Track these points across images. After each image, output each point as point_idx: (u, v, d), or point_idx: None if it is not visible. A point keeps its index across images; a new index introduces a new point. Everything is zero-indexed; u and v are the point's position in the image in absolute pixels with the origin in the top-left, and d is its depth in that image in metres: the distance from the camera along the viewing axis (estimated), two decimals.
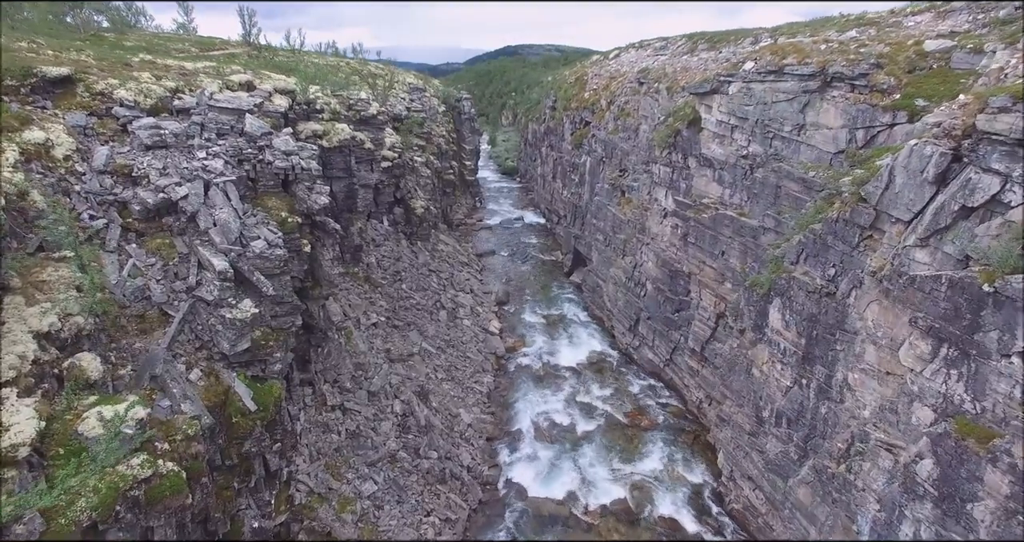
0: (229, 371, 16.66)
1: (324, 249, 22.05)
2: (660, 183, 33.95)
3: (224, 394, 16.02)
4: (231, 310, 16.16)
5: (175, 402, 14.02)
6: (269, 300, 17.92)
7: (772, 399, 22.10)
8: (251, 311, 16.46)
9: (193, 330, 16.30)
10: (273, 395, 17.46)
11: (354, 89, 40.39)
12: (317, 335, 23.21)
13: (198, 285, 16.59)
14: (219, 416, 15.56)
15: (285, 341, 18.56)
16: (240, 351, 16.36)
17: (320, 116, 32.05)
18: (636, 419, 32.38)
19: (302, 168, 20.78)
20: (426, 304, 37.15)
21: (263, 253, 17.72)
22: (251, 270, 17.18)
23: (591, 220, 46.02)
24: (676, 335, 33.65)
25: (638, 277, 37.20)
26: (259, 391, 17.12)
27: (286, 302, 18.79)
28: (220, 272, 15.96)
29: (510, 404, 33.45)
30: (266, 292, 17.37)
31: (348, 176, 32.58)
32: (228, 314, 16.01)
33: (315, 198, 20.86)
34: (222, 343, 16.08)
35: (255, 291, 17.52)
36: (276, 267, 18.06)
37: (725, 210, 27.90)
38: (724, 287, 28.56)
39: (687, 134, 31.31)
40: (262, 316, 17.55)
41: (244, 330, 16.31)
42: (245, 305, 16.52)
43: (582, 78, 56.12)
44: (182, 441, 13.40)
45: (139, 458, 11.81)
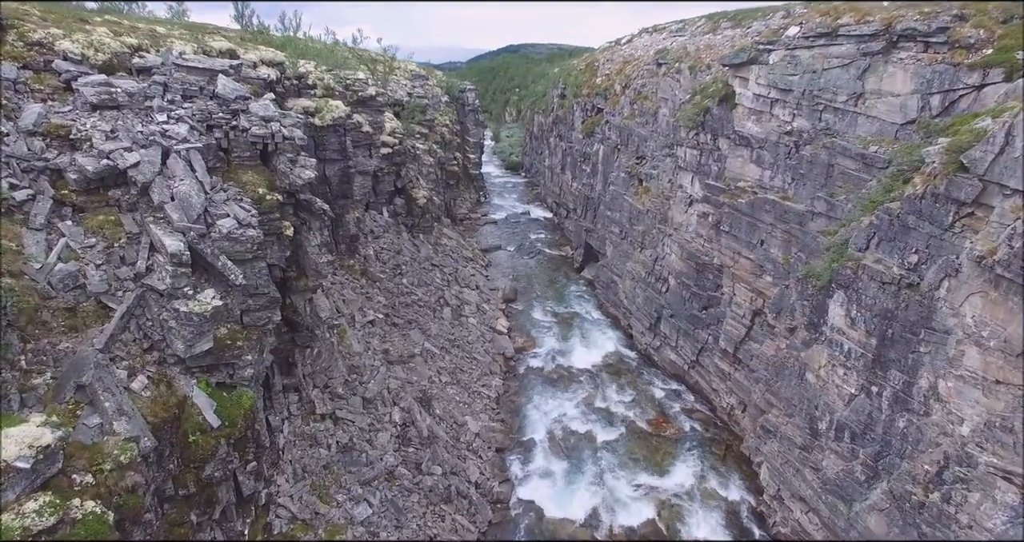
0: (187, 378, 13.40)
1: (311, 234, 18.83)
2: (686, 168, 30.66)
3: (178, 407, 12.76)
4: (187, 302, 12.89)
5: (106, 419, 10.77)
6: (239, 291, 14.66)
7: (831, 409, 18.80)
8: (212, 303, 13.19)
9: (141, 327, 13.04)
10: (243, 406, 14.20)
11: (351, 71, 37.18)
12: (303, 334, 19.96)
13: (149, 271, 13.34)
14: (170, 435, 12.31)
15: (260, 341, 15.30)
16: (199, 353, 13.09)
17: (312, 92, 28.82)
18: (660, 427, 29.08)
19: (283, 137, 17.51)
20: (428, 301, 33.89)
21: (232, 233, 14.46)
22: (216, 254, 13.92)
23: (604, 212, 42.73)
24: (703, 334, 30.35)
25: (659, 271, 33.91)
26: (225, 402, 13.86)
27: (261, 294, 15.53)
28: (172, 255, 12.70)
29: (521, 410, 30.18)
30: (235, 281, 14.11)
31: (343, 159, 29.34)
32: (183, 307, 12.74)
33: (299, 172, 17.59)
34: (176, 343, 12.82)
35: (221, 280, 14.26)
36: (248, 251, 14.80)
37: (765, 194, 24.61)
38: (762, 281, 25.27)
39: (718, 112, 28.03)
40: (229, 310, 14.29)
41: (204, 327, 13.04)
42: (206, 296, 13.26)
43: (593, 64, 52.85)
44: (112, 472, 10.16)
45: (38, 501, 8.58)
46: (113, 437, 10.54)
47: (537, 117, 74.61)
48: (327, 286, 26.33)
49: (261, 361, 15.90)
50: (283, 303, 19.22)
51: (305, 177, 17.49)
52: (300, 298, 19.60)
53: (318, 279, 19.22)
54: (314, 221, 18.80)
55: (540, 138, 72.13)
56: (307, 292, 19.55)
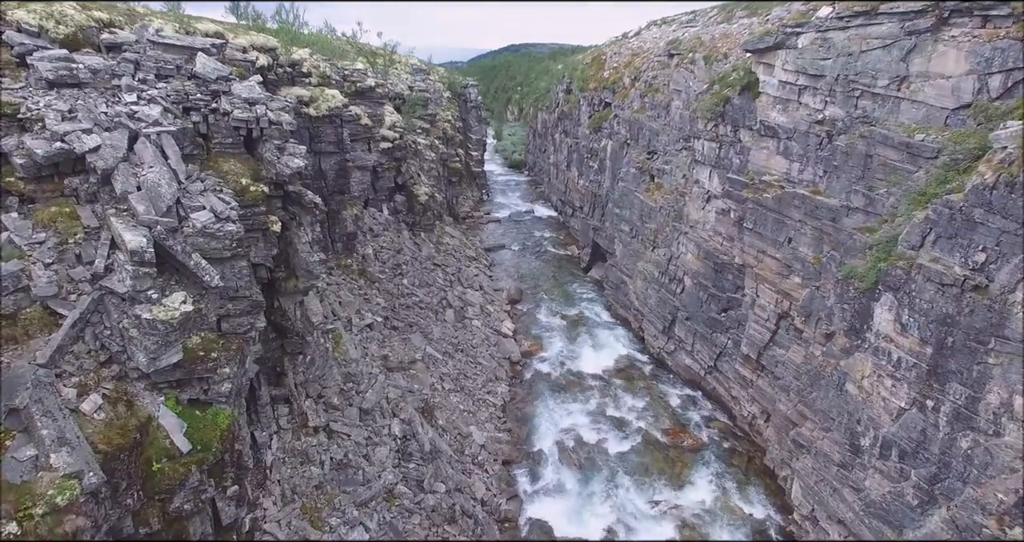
0: (152, 395, 11.50)
1: (301, 230, 16.94)
2: (704, 162, 28.74)
3: (140, 430, 10.86)
4: (151, 308, 10.98)
5: (43, 451, 8.88)
6: (216, 294, 12.76)
7: (876, 424, 16.88)
8: (181, 309, 11.28)
9: (98, 337, 11.14)
10: (220, 426, 12.29)
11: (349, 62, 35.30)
12: (293, 340, 18.07)
13: (109, 272, 11.45)
14: (129, 464, 10.41)
15: (240, 351, 13.38)
16: (165, 367, 11.19)
17: (307, 81, 26.94)
18: (677, 437, 27.16)
19: (270, 121, 15.62)
20: (430, 302, 31.99)
21: (207, 228, 12.57)
22: (188, 251, 12.01)
23: (613, 210, 40.81)
24: (722, 338, 28.42)
25: (673, 271, 32.00)
26: (198, 422, 11.96)
27: (242, 297, 13.63)
28: (133, 252, 10.79)
29: (528, 419, 28.27)
30: (210, 283, 12.20)
31: (340, 152, 27.45)
32: (146, 313, 10.83)
33: (287, 161, 15.69)
34: (137, 356, 10.91)
35: (195, 282, 12.37)
36: (226, 248, 12.91)
37: (794, 188, 22.68)
38: (790, 281, 23.35)
39: (739, 102, 26.11)
40: (203, 316, 12.38)
41: (171, 336, 11.13)
42: (173, 301, 11.36)
43: (600, 58, 50.93)
44: (45, 517, 8.28)
45: None
46: (49, 473, 8.65)
47: (540, 114, 72.74)
48: (321, 287, 24.44)
49: (243, 373, 13.99)
50: (270, 306, 17.34)
51: (294, 166, 15.58)
52: (289, 301, 17.71)
53: (310, 280, 17.33)
54: (305, 216, 16.90)
55: (544, 135, 70.25)
56: (297, 294, 17.66)
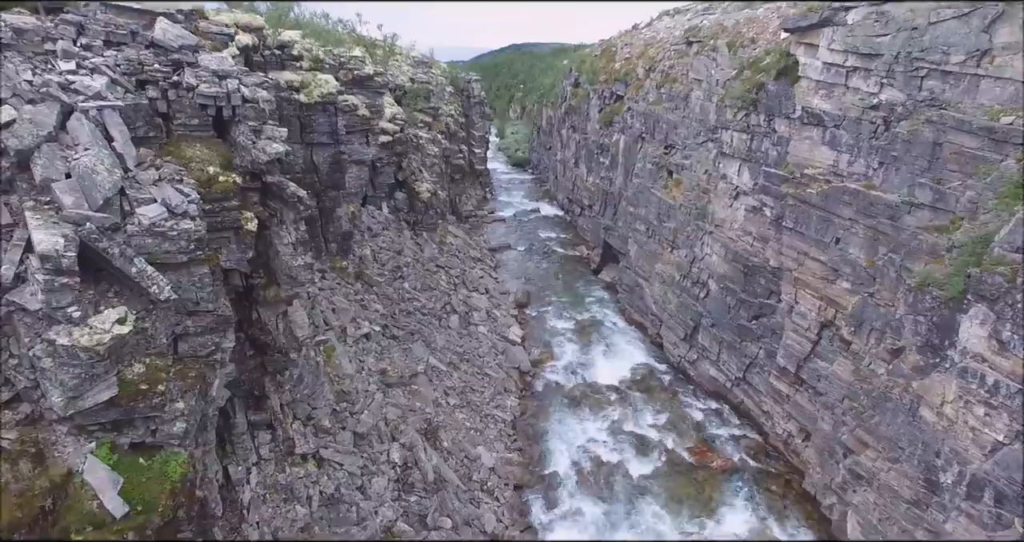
0: (78, 441, 8.81)
1: (283, 228, 14.25)
2: (732, 155, 26.04)
3: (56, 490, 8.19)
4: (70, 330, 8.28)
5: None
6: (167, 309, 10.06)
7: (962, 458, 14.17)
8: (113, 331, 8.59)
9: (1, 368, 8.46)
10: (171, 478, 9.59)
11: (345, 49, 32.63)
12: (275, 358, 15.37)
13: (21, 282, 8.75)
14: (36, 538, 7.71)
15: (201, 379, 10.68)
16: (92, 407, 8.51)
17: (297, 65, 24.22)
18: (705, 457, 24.46)
19: (243, 99, 12.93)
20: (433, 308, 29.28)
21: (157, 226, 9.89)
22: (128, 256, 9.32)
23: (627, 208, 38.09)
24: (752, 348, 25.72)
25: (696, 274, 29.29)
26: (140, 473, 9.27)
27: (204, 311, 10.94)
28: (44, 257, 8.10)
29: (541, 436, 25.56)
30: (158, 295, 9.51)
31: (334, 143, 24.72)
32: (63, 338, 8.14)
33: (263, 146, 12.98)
34: (51, 394, 8.23)
35: (140, 294, 9.68)
36: (182, 251, 10.23)
37: (842, 182, 19.98)
38: (836, 287, 20.64)
39: (774, 88, 23.40)
40: (150, 338, 9.69)
41: (97, 368, 8.42)
42: (103, 320, 8.66)
43: (610, 50, 48.18)
44: None
45: None
46: None
47: (545, 111, 70.06)
48: (312, 293, 21.74)
49: (206, 404, 11.28)
50: (248, 319, 14.64)
51: (271, 152, 12.87)
52: (270, 312, 15.00)
53: (294, 288, 14.63)
54: (288, 212, 14.20)
55: (549, 132, 67.54)
56: (279, 304, 14.95)
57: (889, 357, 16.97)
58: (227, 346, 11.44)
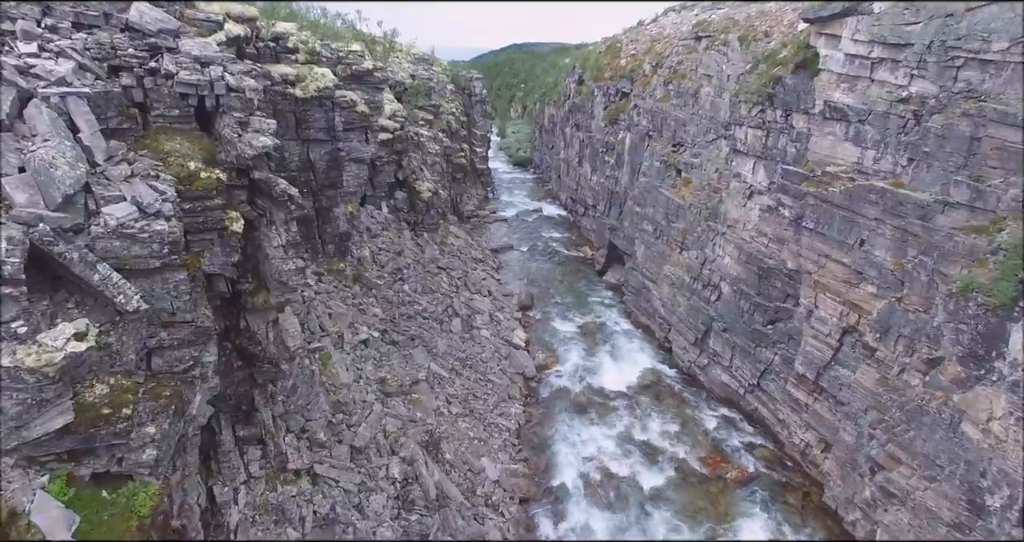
0: (27, 474, 7.63)
1: (272, 230, 13.07)
2: (747, 152, 24.85)
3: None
4: (15, 348, 7.10)
5: None
6: (137, 321, 8.89)
7: (1013, 480, 13.00)
8: (68, 349, 7.40)
9: None
10: (138, 512, 8.41)
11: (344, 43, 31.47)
12: (265, 369, 14.18)
13: None
14: None
15: (177, 397, 9.50)
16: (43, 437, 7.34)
17: (293, 57, 23.05)
18: (719, 468, 23.29)
19: (228, 88, 11.75)
20: (435, 311, 28.10)
21: (125, 228, 8.73)
22: (91, 261, 8.16)
23: (633, 208, 36.91)
24: (767, 354, 24.55)
25: (708, 276, 28.11)
26: (101, 509, 8.09)
27: (181, 322, 9.77)
28: None
29: (547, 445, 24.39)
30: (124, 305, 8.35)
31: (331, 140, 23.55)
32: (5, 358, 6.96)
33: (249, 139, 11.80)
34: None
35: (105, 305, 8.52)
36: (155, 255, 9.08)
37: (868, 180, 18.81)
38: (860, 291, 19.46)
39: (792, 82, 22.23)
40: (115, 354, 8.52)
41: (48, 392, 7.23)
42: (56, 336, 7.48)
43: (615, 46, 46.99)
44: None
45: None
46: None
47: (548, 109, 68.83)
48: (309, 297, 20.59)
49: (185, 424, 10.11)
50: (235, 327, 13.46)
51: (258, 146, 11.69)
52: (260, 320, 13.81)
53: (284, 294, 13.44)
54: (278, 212, 13.02)
55: (551, 131, 66.34)
56: (269, 311, 13.77)
57: (925, 367, 15.79)
58: (207, 360, 10.27)
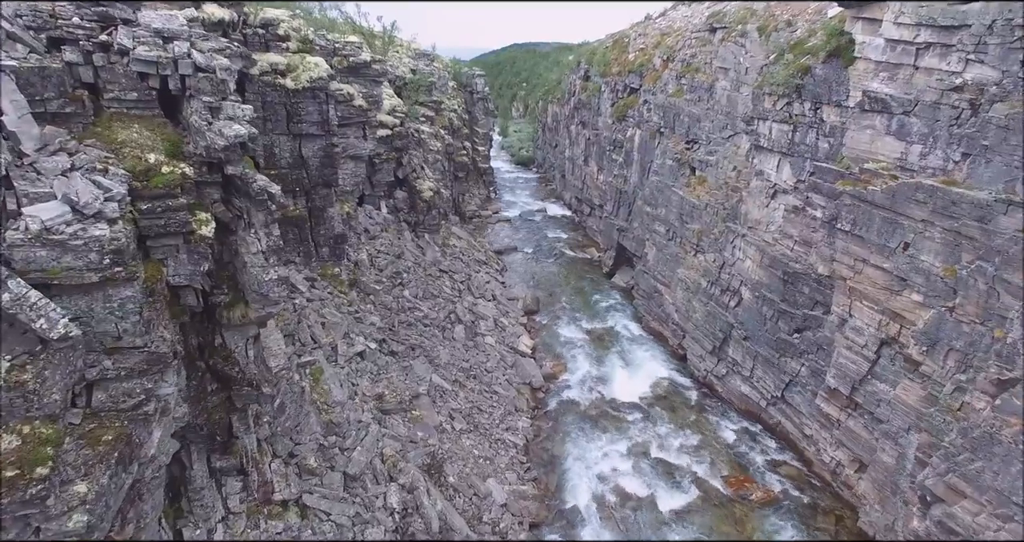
0: None
1: (251, 234, 11.24)
2: (771, 148, 23.01)
3: None
4: None
5: None
6: (62, 351, 7.05)
7: None
8: None
9: None
10: None
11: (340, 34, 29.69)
12: (244, 392, 12.35)
13: None
14: None
15: (123, 443, 7.67)
16: None
17: (283, 46, 21.21)
18: (742, 488, 21.47)
19: (196, 67, 9.92)
20: (436, 317, 26.27)
21: (52, 233, 6.91)
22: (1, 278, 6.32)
23: (643, 208, 35.08)
24: (793, 364, 22.73)
25: (726, 281, 26.27)
26: None
27: (130, 349, 7.95)
28: None
29: (557, 462, 22.57)
30: (45, 332, 6.52)
31: (325, 135, 21.70)
32: None
33: (220, 127, 9.95)
34: None
35: (20, 331, 6.68)
36: (92, 267, 7.28)
37: (914, 177, 16.98)
38: (902, 299, 17.62)
39: (823, 72, 20.40)
40: (30, 394, 6.68)
41: None
42: None
43: (622, 41, 45.13)
44: None
45: None
46: None
47: (551, 107, 66.99)
48: (300, 305, 18.77)
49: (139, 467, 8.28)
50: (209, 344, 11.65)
51: (230, 135, 9.84)
52: (238, 336, 11.98)
53: (265, 307, 11.60)
54: (257, 213, 11.17)
55: (555, 129, 64.49)
56: (248, 327, 11.93)
57: (994, 390, 13.95)
58: (165, 392, 8.45)
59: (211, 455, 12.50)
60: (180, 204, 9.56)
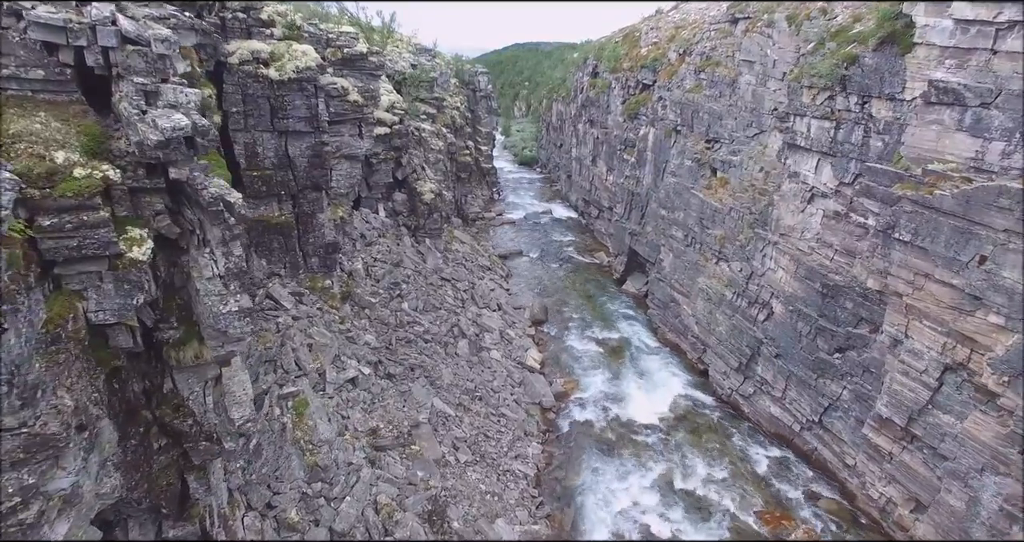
0: None
1: (205, 253, 8.80)
2: (809, 147, 20.53)
3: None
4: None
5: None
6: None
7: None
8: None
9: None
10: None
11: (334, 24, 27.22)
12: (202, 448, 9.89)
13: None
14: None
15: None
16: None
17: (266, 32, 18.72)
18: (780, 526, 19.03)
19: (123, 38, 7.44)
20: (438, 332, 23.80)
21: None
22: None
23: (658, 211, 32.59)
24: (834, 387, 20.28)
25: (755, 292, 23.80)
26: None
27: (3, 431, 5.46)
28: None
29: (572, 495, 20.12)
30: None
31: (315, 132, 19.21)
32: None
33: (155, 117, 7.47)
34: None
35: None
36: None
37: (994, 179, 14.49)
38: (975, 321, 15.14)
39: (873, 61, 17.92)
40: None
41: None
42: None
43: (633, 35, 42.62)
44: None
45: None
46: None
47: (556, 105, 64.46)
48: (285, 325, 16.30)
49: None
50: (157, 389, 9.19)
51: (167, 127, 7.34)
52: (193, 380, 9.51)
53: (226, 345, 9.12)
54: (212, 228, 8.68)
55: (560, 128, 61.99)
56: (205, 368, 9.45)
57: None
58: (59, 488, 5.97)
59: (162, 525, 10.02)
60: (100, 219, 7.11)
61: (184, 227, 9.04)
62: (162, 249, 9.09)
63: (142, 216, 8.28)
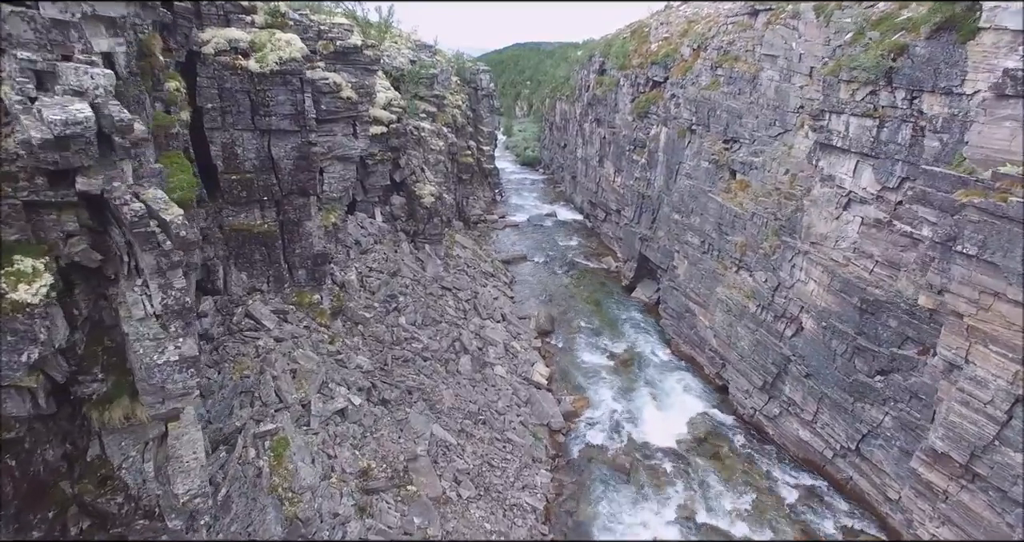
0: None
1: (134, 288, 6.75)
2: (847, 148, 18.42)
3: None
4: None
5: None
6: None
7: None
8: None
9: None
10: None
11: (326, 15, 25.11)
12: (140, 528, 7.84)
13: None
14: None
15: None
16: None
17: (248, 20, 16.61)
18: None
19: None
20: (439, 348, 21.71)
21: None
22: None
23: (671, 215, 30.48)
24: (874, 413, 18.19)
25: (782, 305, 21.70)
26: None
27: None
28: None
29: (586, 531, 18.05)
30: None
31: (301, 131, 17.09)
32: None
33: (43, 109, 5.39)
34: None
35: None
36: None
37: None
38: None
39: (925, 51, 15.80)
40: None
41: None
42: None
43: (642, 30, 40.46)
44: None
45: None
46: None
47: (559, 105, 62.28)
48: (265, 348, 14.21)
49: None
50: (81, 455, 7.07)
51: (57, 122, 5.22)
52: (128, 443, 7.46)
53: (165, 401, 7.04)
54: (145, 255, 6.60)
55: (563, 128, 59.83)
56: (141, 430, 7.37)
57: None
58: None
59: None
60: None
61: (112, 252, 6.94)
62: (84, 280, 7.00)
63: (45, 240, 6.18)
